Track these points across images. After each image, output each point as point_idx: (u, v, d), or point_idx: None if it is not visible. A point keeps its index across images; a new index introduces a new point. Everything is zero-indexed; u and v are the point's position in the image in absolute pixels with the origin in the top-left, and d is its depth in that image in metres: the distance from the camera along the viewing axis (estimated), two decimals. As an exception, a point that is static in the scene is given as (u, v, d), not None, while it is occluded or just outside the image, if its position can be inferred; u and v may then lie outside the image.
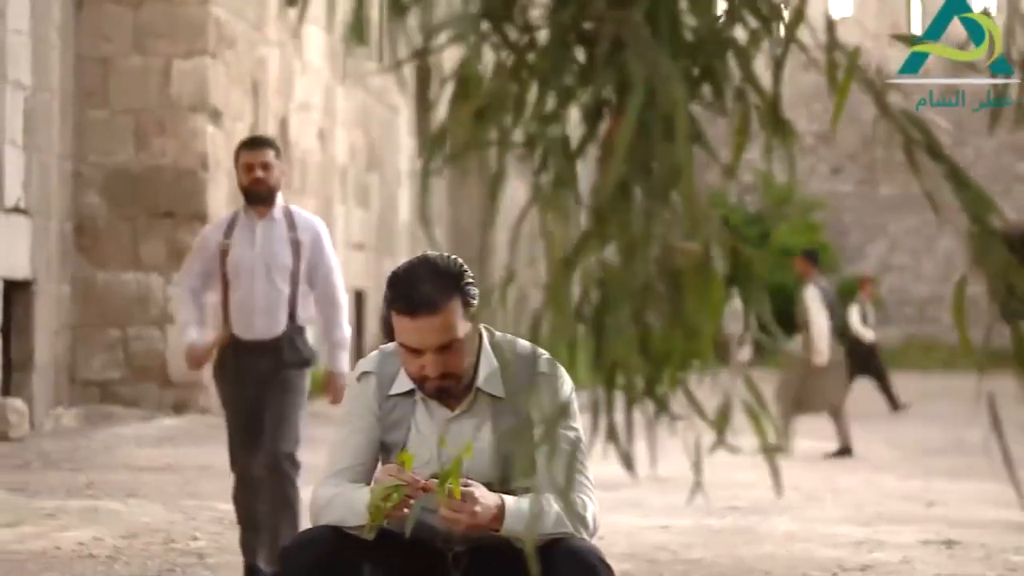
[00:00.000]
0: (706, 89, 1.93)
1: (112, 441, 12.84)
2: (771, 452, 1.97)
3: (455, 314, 3.44)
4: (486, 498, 3.38)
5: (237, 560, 7.01)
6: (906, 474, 11.64)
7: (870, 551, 7.69)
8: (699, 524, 8.59)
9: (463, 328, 3.46)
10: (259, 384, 6.52)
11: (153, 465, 11.21)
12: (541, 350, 3.56)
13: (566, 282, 1.84)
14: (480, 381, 3.56)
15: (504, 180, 1.80)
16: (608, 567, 3.38)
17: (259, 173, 6.56)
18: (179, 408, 15.08)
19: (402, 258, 23.48)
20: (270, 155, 6.59)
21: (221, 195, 15.37)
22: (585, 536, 3.46)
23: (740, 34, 2.01)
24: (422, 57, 1.73)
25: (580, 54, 1.90)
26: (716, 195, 23.41)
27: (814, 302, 13.03)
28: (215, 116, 15.32)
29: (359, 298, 21.19)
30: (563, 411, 3.44)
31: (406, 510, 3.36)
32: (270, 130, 17.32)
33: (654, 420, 1.96)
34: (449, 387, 3.50)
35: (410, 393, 3.59)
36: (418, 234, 24.15)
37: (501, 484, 3.51)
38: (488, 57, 1.92)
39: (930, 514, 9.19)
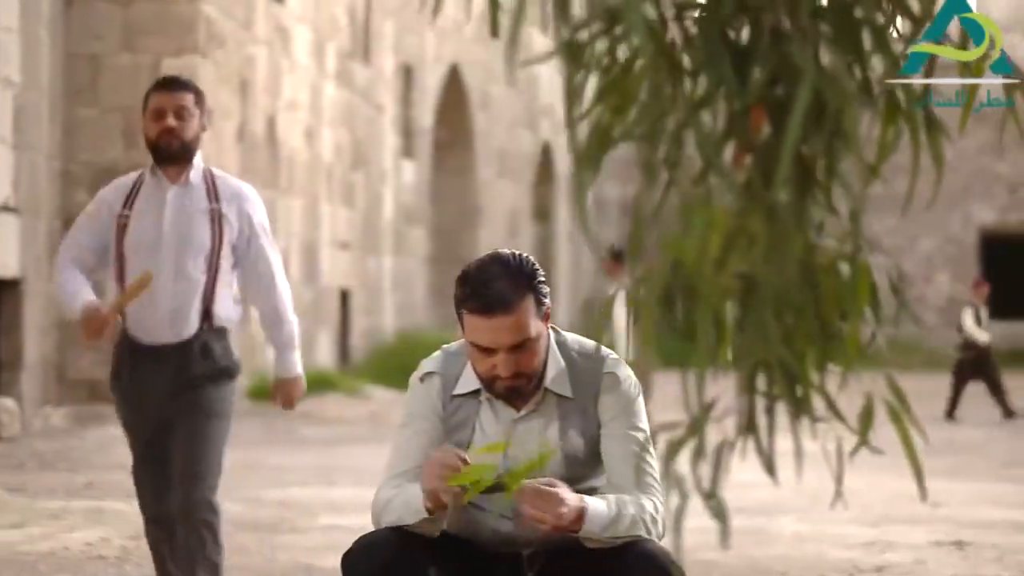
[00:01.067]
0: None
1: (105, 441, 12.73)
2: (914, 455, 1.93)
3: (528, 313, 3.40)
4: (570, 499, 3.34)
5: (248, 561, 6.95)
6: (906, 474, 11.56)
7: (882, 552, 7.67)
8: (706, 525, 8.53)
9: (535, 327, 3.42)
10: (163, 403, 5.12)
11: (150, 465, 11.10)
12: (607, 350, 3.53)
13: (717, 281, 1.79)
14: (548, 381, 3.52)
15: (657, 174, 1.75)
16: (681, 570, 3.35)
17: (170, 121, 5.00)
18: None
19: (386, 257, 23.41)
20: (188, 99, 5.05)
21: (211, 193, 15.25)
22: (654, 538, 3.42)
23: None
24: (577, 47, 1.69)
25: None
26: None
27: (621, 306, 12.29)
28: (205, 114, 15.22)
29: (344, 297, 21.11)
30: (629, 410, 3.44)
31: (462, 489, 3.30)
32: (258, 129, 17.22)
33: (796, 422, 1.92)
34: (520, 387, 3.46)
35: (475, 393, 3.54)
36: (402, 232, 24.03)
37: (568, 485, 3.47)
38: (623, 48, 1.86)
39: (937, 515, 9.17)
